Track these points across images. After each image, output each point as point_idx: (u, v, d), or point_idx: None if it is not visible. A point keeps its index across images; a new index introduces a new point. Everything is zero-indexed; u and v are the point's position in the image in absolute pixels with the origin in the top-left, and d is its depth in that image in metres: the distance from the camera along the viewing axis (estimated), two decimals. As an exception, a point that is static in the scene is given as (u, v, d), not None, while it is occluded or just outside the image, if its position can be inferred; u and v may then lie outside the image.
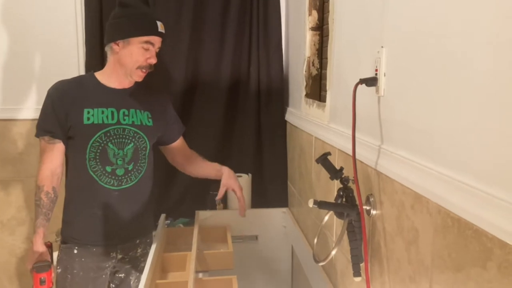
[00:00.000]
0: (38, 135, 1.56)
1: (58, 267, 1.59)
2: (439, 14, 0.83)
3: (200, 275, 1.74)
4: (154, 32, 1.54)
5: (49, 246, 1.54)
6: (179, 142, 1.80)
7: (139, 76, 1.57)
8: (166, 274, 1.76)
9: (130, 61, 1.54)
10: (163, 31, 1.56)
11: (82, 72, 2.17)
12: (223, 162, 2.22)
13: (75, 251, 1.58)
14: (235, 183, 1.77)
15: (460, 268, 0.75)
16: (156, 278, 1.61)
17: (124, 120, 1.57)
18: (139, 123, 1.60)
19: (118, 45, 1.53)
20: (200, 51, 2.22)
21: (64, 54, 2.19)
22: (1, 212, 2.26)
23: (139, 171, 1.61)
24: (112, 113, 1.56)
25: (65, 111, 1.53)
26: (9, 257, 2.29)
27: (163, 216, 1.99)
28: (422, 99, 0.90)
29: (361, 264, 1.13)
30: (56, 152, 1.55)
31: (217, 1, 2.19)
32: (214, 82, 2.24)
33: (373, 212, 1.13)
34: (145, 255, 1.67)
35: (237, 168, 2.25)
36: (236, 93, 2.28)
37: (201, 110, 2.25)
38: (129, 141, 1.58)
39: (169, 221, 2.17)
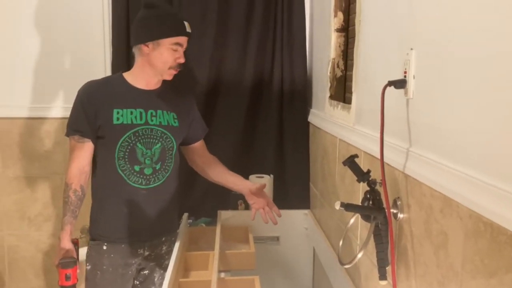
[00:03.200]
0: (68, 134, 1.59)
1: (87, 264, 1.62)
2: (469, 16, 0.82)
3: (222, 274, 1.75)
4: (183, 32, 1.57)
5: (76, 243, 1.57)
6: (200, 144, 1.81)
7: (170, 75, 1.61)
8: (189, 273, 1.78)
9: (161, 62, 1.57)
10: (190, 31, 1.60)
11: (109, 71, 2.21)
12: (245, 163, 2.24)
13: (104, 248, 1.60)
14: (263, 200, 1.75)
15: (493, 274, 0.74)
16: (180, 277, 1.63)
17: (152, 120, 1.60)
18: (166, 124, 1.62)
19: (148, 46, 1.55)
20: (224, 52, 2.23)
21: (91, 54, 2.24)
22: (28, 208, 2.32)
23: (166, 171, 1.63)
24: (141, 113, 1.59)
25: (95, 111, 1.56)
26: (36, 252, 2.35)
27: (185, 215, 2.02)
28: (452, 101, 0.89)
29: (387, 268, 1.13)
30: (85, 151, 1.58)
31: (242, 1, 2.20)
32: (237, 83, 2.25)
33: (400, 215, 1.12)
34: (169, 252, 1.69)
35: (259, 169, 2.27)
36: (259, 94, 2.29)
37: (224, 110, 2.26)
38: (156, 141, 1.60)
39: (191, 221, 2.19)
